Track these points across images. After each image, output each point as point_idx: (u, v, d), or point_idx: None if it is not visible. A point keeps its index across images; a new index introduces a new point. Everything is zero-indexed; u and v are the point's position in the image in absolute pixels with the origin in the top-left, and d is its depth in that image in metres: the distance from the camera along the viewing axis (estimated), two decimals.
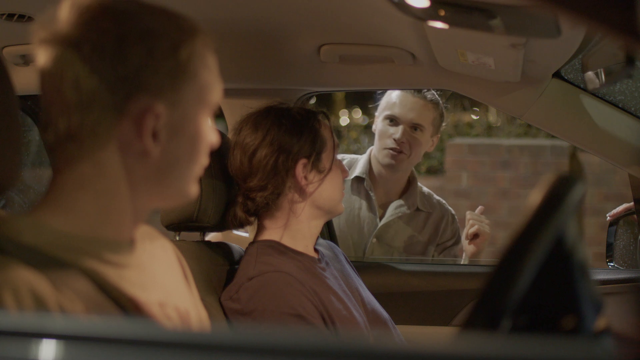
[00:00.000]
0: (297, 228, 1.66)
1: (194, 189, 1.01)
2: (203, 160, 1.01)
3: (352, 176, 2.36)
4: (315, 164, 1.63)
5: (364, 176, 2.37)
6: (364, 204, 2.37)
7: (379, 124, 2.37)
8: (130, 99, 0.90)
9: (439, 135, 2.42)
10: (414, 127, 2.31)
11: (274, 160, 1.61)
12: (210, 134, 1.01)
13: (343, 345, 0.64)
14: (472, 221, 2.21)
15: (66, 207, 0.93)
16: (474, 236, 2.20)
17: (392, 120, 2.32)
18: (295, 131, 1.62)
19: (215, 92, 1.00)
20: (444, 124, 2.41)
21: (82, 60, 0.89)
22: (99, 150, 0.92)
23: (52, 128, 0.92)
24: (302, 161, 1.62)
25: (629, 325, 0.69)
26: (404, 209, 2.37)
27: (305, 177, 1.63)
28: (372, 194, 2.35)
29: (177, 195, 1.00)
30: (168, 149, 0.94)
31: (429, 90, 2.33)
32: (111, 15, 0.91)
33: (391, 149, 2.30)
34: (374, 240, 2.34)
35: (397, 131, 2.30)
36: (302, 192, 1.64)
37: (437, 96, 2.37)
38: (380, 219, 2.37)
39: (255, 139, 1.63)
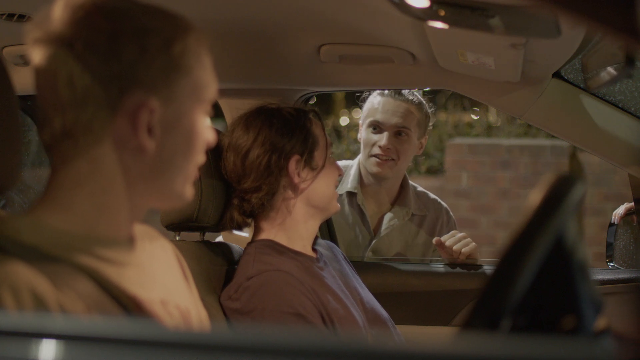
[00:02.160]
0: (293, 228, 1.66)
1: (189, 190, 1.01)
2: (199, 158, 1.01)
3: (344, 191, 2.32)
4: (307, 161, 1.64)
5: (355, 191, 2.32)
6: (357, 219, 2.32)
7: (363, 132, 2.31)
8: (124, 95, 0.91)
9: (427, 137, 2.35)
10: (399, 131, 2.25)
11: (267, 160, 1.62)
12: (205, 132, 1.01)
13: (343, 345, 0.64)
14: (457, 247, 2.08)
15: (63, 205, 0.93)
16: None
17: (376, 127, 2.27)
18: (287, 130, 1.63)
19: (209, 89, 1.00)
20: (430, 125, 2.35)
21: (75, 58, 0.90)
22: (95, 147, 0.92)
23: (48, 126, 0.92)
24: (295, 158, 1.62)
25: (629, 325, 0.69)
26: (397, 221, 2.32)
27: (299, 175, 1.64)
28: (364, 210, 2.31)
29: (172, 194, 1.00)
30: (163, 145, 0.95)
31: (410, 91, 2.27)
32: (103, 13, 0.92)
33: (377, 156, 2.25)
34: (370, 254, 2.31)
35: (382, 138, 2.24)
36: (295, 189, 1.65)
37: (420, 97, 2.30)
38: (375, 231, 2.33)
39: (247, 140, 1.63)
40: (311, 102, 2.24)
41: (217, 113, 1.75)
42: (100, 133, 0.92)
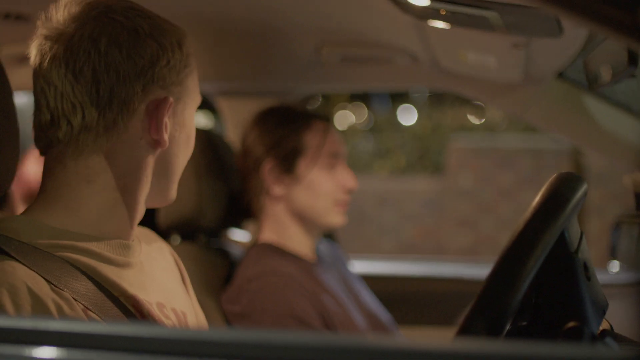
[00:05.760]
0: (285, 233, 1.63)
1: (176, 191, 1.03)
2: (187, 160, 1.04)
3: None
4: (285, 168, 1.60)
5: None
6: None
7: None
8: (147, 90, 0.93)
9: None
10: None
11: (245, 159, 1.63)
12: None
13: (342, 347, 0.64)
14: None
15: (69, 203, 0.93)
16: None
17: None
18: (271, 132, 1.60)
19: (199, 92, 1.03)
20: None
21: (98, 53, 0.90)
22: (115, 142, 0.93)
23: (62, 123, 0.91)
24: (270, 163, 1.60)
25: (631, 327, 0.69)
26: None
27: (279, 181, 1.60)
28: None
29: (168, 193, 1.02)
30: (172, 141, 0.97)
31: None
32: (119, 10, 0.93)
33: None
34: None
35: None
36: (271, 194, 1.62)
37: None
38: None
39: (244, 134, 1.66)
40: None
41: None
42: (122, 128, 0.93)
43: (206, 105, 2.21)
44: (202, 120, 4.95)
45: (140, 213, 0.99)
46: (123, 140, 0.94)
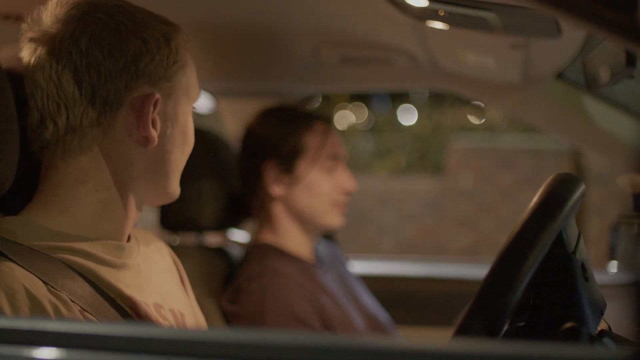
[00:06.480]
0: (284, 234, 1.63)
1: (178, 187, 1.03)
2: (187, 156, 1.03)
3: None
4: (285, 168, 1.60)
5: None
6: None
7: None
8: (131, 88, 0.93)
9: None
10: None
11: (245, 158, 1.64)
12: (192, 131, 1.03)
13: (342, 347, 0.64)
14: None
15: (64, 204, 0.93)
16: None
17: None
18: (271, 131, 1.61)
19: (196, 88, 1.03)
20: None
21: (80, 53, 0.90)
22: (101, 141, 0.93)
23: (49, 124, 0.92)
24: (269, 162, 1.60)
25: (630, 327, 0.69)
26: None
27: (278, 181, 1.60)
28: None
29: (167, 190, 1.01)
30: (163, 138, 0.97)
31: None
32: (102, 8, 0.93)
33: None
34: None
35: None
36: (270, 194, 1.62)
37: None
38: None
39: (242, 136, 1.66)
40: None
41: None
42: (106, 127, 0.93)
43: None
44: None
45: (135, 213, 1.00)
46: (111, 138, 0.93)
